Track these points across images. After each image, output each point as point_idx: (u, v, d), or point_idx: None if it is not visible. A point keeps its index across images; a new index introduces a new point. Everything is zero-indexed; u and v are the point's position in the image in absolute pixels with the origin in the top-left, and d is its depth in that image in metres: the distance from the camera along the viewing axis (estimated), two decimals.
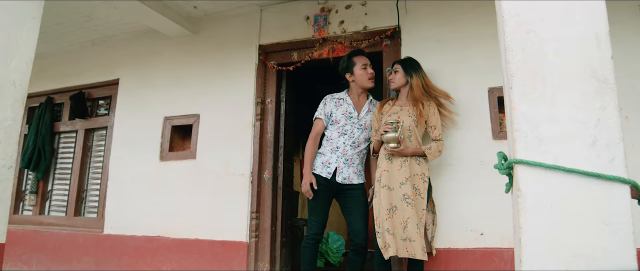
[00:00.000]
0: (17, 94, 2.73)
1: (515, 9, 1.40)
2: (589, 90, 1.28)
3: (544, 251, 1.24)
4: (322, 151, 3.21)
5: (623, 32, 3.06)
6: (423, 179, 2.82)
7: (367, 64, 3.19)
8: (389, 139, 2.75)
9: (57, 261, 4.59)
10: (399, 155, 2.78)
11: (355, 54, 3.24)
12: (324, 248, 6.02)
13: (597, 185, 1.22)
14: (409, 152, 2.78)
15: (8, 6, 2.71)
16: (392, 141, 2.74)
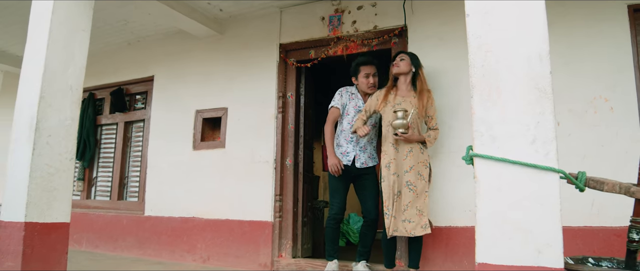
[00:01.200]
0: (74, 97, 3.19)
1: (477, 31, 1.75)
2: (531, 98, 1.62)
3: (494, 224, 1.60)
4: (339, 143, 3.60)
5: (611, 29, 3.34)
6: (425, 165, 3.18)
7: (369, 74, 3.54)
8: (398, 125, 3.07)
9: (103, 240, 5.14)
10: (406, 140, 3.12)
11: (363, 63, 3.59)
12: (345, 228, 6.44)
13: (535, 174, 1.57)
14: (415, 138, 3.13)
15: (63, 21, 3.15)
16: (400, 127, 3.08)
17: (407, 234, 3.02)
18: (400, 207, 3.08)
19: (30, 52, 3.11)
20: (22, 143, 2.95)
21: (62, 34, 3.11)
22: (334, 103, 3.63)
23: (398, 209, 3.08)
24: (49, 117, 3.00)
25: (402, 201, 3.09)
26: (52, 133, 3.01)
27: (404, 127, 3.07)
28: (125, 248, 4.99)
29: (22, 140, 2.96)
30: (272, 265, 4.10)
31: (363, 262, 3.49)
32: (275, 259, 4.10)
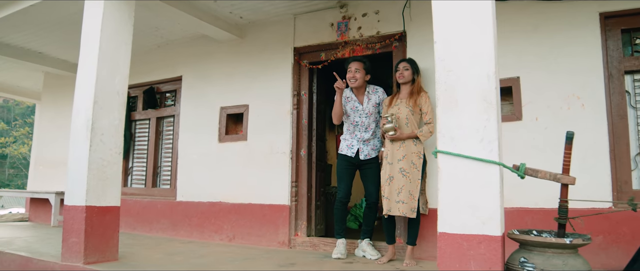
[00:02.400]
0: (120, 100, 3.79)
1: (442, 56, 2.26)
2: (480, 108, 2.13)
3: (451, 203, 2.13)
4: (345, 137, 4.15)
5: (585, 34, 3.78)
6: (419, 156, 3.70)
7: (351, 69, 4.03)
8: (387, 129, 3.65)
9: (140, 223, 5.79)
10: (397, 139, 3.67)
11: (350, 61, 4.10)
12: (358, 212, 6.99)
13: (482, 165, 2.09)
14: (404, 136, 3.67)
15: (110, 37, 3.72)
16: (390, 130, 3.64)
17: (399, 214, 3.57)
18: (394, 190, 3.62)
19: (83, 63, 3.71)
20: (81, 142, 3.57)
21: (109, 48, 3.71)
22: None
23: (391, 192, 3.62)
24: (101, 118, 3.61)
25: (395, 185, 3.63)
26: (105, 132, 3.62)
27: (391, 129, 3.63)
28: (160, 229, 5.63)
29: (80, 139, 3.57)
30: (289, 242, 4.70)
31: (367, 239, 4.06)
32: (292, 237, 4.70)
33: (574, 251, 2.10)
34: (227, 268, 3.49)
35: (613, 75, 3.73)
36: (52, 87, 7.55)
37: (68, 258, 3.49)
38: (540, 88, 3.85)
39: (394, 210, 3.59)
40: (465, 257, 2.06)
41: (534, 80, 3.88)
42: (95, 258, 3.48)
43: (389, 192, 3.63)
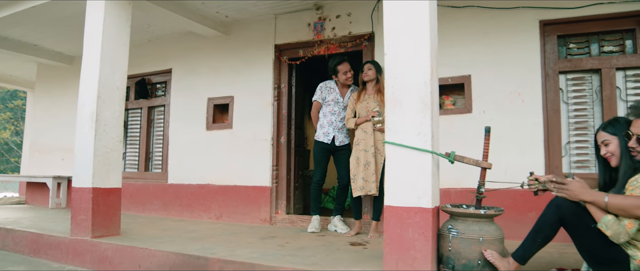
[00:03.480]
0: (120, 94, 4.28)
1: (390, 65, 2.81)
2: (418, 108, 2.70)
3: (395, 182, 2.71)
4: (322, 124, 4.70)
5: (526, 38, 4.37)
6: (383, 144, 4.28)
7: (347, 70, 4.58)
8: (378, 121, 4.18)
9: (134, 204, 6.31)
10: (380, 130, 4.22)
11: (339, 63, 4.62)
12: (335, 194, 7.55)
13: (418, 153, 2.67)
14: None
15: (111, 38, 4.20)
16: (378, 122, 4.18)
17: (369, 193, 4.15)
18: (366, 174, 4.20)
19: (87, 62, 4.19)
20: (86, 131, 4.06)
21: (110, 48, 4.19)
22: (315, 97, 4.71)
23: (361, 174, 4.20)
24: (104, 110, 4.11)
25: (368, 169, 4.21)
26: (107, 123, 4.12)
27: (380, 122, 4.19)
28: (153, 210, 6.17)
29: (86, 129, 4.07)
30: (270, 219, 5.28)
31: (338, 216, 4.66)
32: (273, 215, 5.29)
33: (489, 220, 2.70)
34: (216, 240, 4.05)
35: (549, 74, 4.35)
36: (45, 77, 7.94)
37: (77, 233, 4.01)
38: (488, 85, 4.44)
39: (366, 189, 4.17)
40: (405, 224, 2.65)
41: (483, 78, 4.47)
42: (101, 233, 4.01)
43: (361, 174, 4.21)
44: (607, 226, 2.21)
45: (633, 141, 2.29)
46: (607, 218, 2.22)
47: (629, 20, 4.16)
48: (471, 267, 2.59)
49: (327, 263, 3.07)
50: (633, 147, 2.31)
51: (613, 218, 2.21)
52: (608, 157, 2.46)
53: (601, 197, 2.26)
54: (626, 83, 4.17)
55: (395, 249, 2.66)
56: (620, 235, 2.19)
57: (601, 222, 2.23)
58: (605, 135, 2.47)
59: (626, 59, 4.14)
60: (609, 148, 2.45)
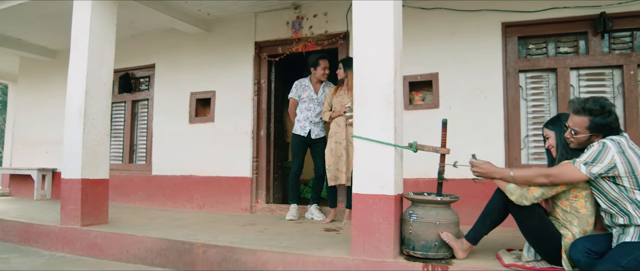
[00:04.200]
0: (107, 90, 4.49)
1: (358, 66, 3.10)
2: (383, 105, 2.99)
3: (362, 172, 3.01)
4: (299, 119, 4.97)
5: (488, 38, 4.70)
6: None
7: (326, 67, 4.86)
8: (349, 116, 4.47)
9: (119, 195, 6.52)
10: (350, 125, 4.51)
11: (322, 58, 4.88)
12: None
13: (382, 146, 2.96)
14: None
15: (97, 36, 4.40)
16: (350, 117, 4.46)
17: (340, 183, 4.46)
18: (339, 164, 4.50)
19: (74, 60, 4.38)
20: (75, 125, 4.27)
21: (97, 46, 4.40)
22: (291, 95, 4.98)
23: (335, 165, 4.51)
24: (92, 105, 4.32)
25: (341, 160, 4.51)
26: (95, 117, 4.34)
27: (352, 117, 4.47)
28: (137, 200, 6.39)
29: (74, 123, 4.28)
30: (251, 208, 5.57)
31: (315, 205, 4.97)
32: (253, 204, 5.58)
33: (446, 206, 3.02)
34: (200, 227, 4.32)
35: (510, 73, 4.69)
36: (29, 71, 8.03)
37: (67, 222, 4.24)
38: (454, 82, 4.77)
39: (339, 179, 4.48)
40: (370, 210, 2.95)
41: (450, 76, 4.80)
42: (89, 221, 4.25)
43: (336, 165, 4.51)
44: (511, 192, 2.62)
45: (568, 132, 2.62)
46: (511, 185, 2.63)
47: (582, 23, 4.52)
48: (429, 248, 2.91)
49: (301, 246, 3.37)
50: (567, 137, 2.64)
51: (515, 185, 2.62)
52: (550, 148, 2.81)
53: (507, 172, 2.68)
54: (579, 81, 4.54)
55: (362, 232, 2.97)
56: (523, 198, 2.59)
57: (506, 190, 2.62)
58: (546, 131, 2.82)
59: (579, 60, 4.50)
60: (549, 141, 2.80)
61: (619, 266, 2.18)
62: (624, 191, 2.36)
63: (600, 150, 2.38)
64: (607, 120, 2.47)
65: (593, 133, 2.50)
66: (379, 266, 2.88)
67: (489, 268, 2.73)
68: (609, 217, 2.50)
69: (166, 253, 3.62)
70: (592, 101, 2.50)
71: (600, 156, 2.36)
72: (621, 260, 2.21)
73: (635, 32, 4.41)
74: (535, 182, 2.55)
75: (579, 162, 2.40)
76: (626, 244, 2.32)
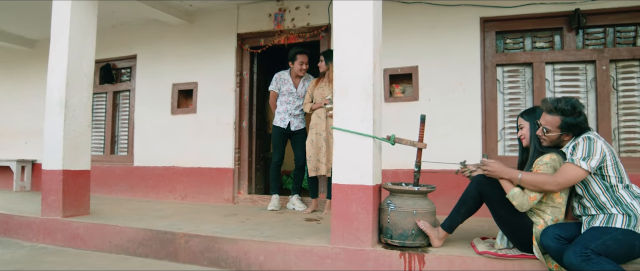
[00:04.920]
0: (88, 81, 4.49)
1: (338, 60, 3.16)
2: (362, 98, 3.06)
3: (341, 163, 3.08)
4: (279, 111, 5.02)
5: (467, 33, 4.80)
6: None
7: (304, 62, 4.88)
8: (330, 108, 4.52)
9: (100, 186, 6.50)
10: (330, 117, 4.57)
11: (300, 52, 4.90)
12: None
13: (361, 138, 3.03)
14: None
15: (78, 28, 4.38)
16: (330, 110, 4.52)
17: (320, 173, 4.54)
18: (319, 155, 4.57)
19: (55, 50, 4.36)
20: (56, 116, 4.26)
21: (78, 38, 4.38)
22: (271, 87, 5.01)
23: (315, 156, 4.58)
24: (73, 97, 4.31)
25: (321, 151, 4.58)
26: (76, 108, 4.33)
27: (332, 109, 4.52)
28: (119, 191, 6.38)
29: (55, 114, 4.27)
30: (233, 199, 5.61)
31: (296, 195, 5.03)
32: (236, 195, 5.62)
33: (423, 195, 3.12)
34: (182, 217, 4.36)
35: (488, 67, 4.80)
36: (7, 62, 7.90)
37: (48, 213, 4.23)
38: (433, 75, 4.87)
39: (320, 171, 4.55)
40: (349, 200, 3.03)
41: (429, 69, 4.89)
42: (71, 213, 4.25)
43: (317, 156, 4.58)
44: (514, 197, 2.65)
45: (540, 130, 2.73)
46: (514, 190, 2.66)
47: (558, 19, 4.64)
48: (406, 236, 3.00)
49: (282, 235, 3.43)
50: (539, 135, 2.75)
51: (519, 191, 2.65)
52: (522, 138, 2.90)
53: (516, 174, 2.69)
54: (554, 76, 4.67)
55: (342, 222, 3.05)
56: (523, 205, 2.63)
57: (509, 194, 2.67)
58: (521, 120, 2.92)
59: (554, 55, 4.63)
60: (522, 131, 2.89)
61: (587, 249, 2.29)
62: (609, 188, 2.49)
63: (589, 144, 2.48)
64: (577, 120, 2.59)
65: (564, 132, 2.62)
66: (357, 255, 2.97)
67: (464, 255, 2.83)
68: (581, 208, 2.63)
69: (148, 243, 3.66)
70: (564, 101, 2.61)
71: (592, 149, 2.46)
72: (590, 243, 2.33)
73: (608, 29, 4.55)
74: (544, 188, 2.57)
75: (577, 159, 2.46)
76: (595, 229, 2.45)
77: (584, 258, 2.28)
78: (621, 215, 2.43)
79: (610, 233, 2.38)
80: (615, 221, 2.43)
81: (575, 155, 2.48)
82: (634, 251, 2.41)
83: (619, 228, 2.40)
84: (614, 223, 2.43)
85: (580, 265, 2.28)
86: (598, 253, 2.29)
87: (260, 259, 3.23)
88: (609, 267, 2.25)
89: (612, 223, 2.43)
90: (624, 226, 2.40)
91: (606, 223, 2.45)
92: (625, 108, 4.48)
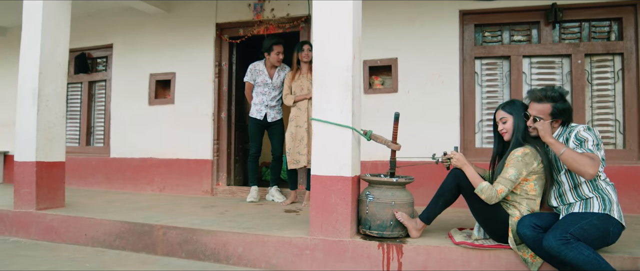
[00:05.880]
0: (62, 70, 4.39)
1: (318, 52, 3.14)
2: (341, 89, 3.05)
3: (321, 153, 3.08)
4: (255, 102, 4.97)
5: (446, 25, 4.82)
6: None
7: (280, 52, 4.84)
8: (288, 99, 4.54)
9: (76, 178, 6.38)
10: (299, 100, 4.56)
11: (276, 43, 4.85)
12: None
13: (340, 129, 3.03)
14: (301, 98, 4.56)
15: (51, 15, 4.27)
16: (291, 100, 4.52)
17: (300, 165, 4.53)
18: (299, 147, 4.56)
19: (27, 39, 4.24)
20: (28, 106, 4.16)
21: (51, 25, 4.27)
22: (246, 79, 4.94)
23: (295, 148, 4.57)
24: (46, 86, 4.21)
25: (302, 143, 4.57)
26: (50, 98, 4.23)
27: (292, 99, 4.52)
28: (95, 183, 6.28)
29: (28, 104, 4.16)
30: (212, 191, 5.57)
31: (275, 187, 5.02)
32: (214, 187, 5.58)
33: (401, 187, 3.14)
34: (160, 209, 4.31)
35: (466, 59, 4.84)
36: None
37: (21, 206, 4.14)
38: (412, 68, 4.89)
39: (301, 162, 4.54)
40: (328, 191, 3.03)
41: (409, 61, 4.91)
42: (45, 205, 4.16)
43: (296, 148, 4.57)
44: (482, 191, 2.70)
45: (530, 121, 2.75)
46: (482, 185, 2.71)
47: (535, 13, 4.70)
48: (384, 227, 3.02)
49: (261, 227, 3.42)
50: (530, 125, 2.76)
51: (487, 185, 2.70)
52: (503, 132, 2.91)
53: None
54: (531, 69, 4.74)
55: (320, 213, 3.05)
56: (492, 198, 2.68)
57: (477, 189, 2.72)
58: (503, 113, 2.91)
59: (531, 48, 4.69)
60: (505, 125, 2.89)
61: (567, 233, 2.35)
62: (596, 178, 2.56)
63: (594, 134, 2.56)
64: (566, 106, 2.67)
65: (555, 118, 2.67)
66: (336, 246, 2.98)
67: (441, 245, 2.87)
68: (559, 198, 2.68)
69: (125, 236, 3.61)
70: (551, 90, 2.69)
71: (598, 138, 2.56)
72: (569, 227, 2.39)
73: (583, 23, 4.63)
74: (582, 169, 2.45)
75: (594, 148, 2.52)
76: (574, 214, 2.53)
77: (564, 241, 2.33)
78: (597, 199, 2.52)
79: (587, 218, 2.45)
80: (593, 206, 2.51)
81: (586, 145, 2.53)
82: (609, 236, 2.49)
83: (595, 213, 2.48)
84: (591, 207, 2.51)
85: (559, 248, 2.33)
86: (576, 237, 2.35)
87: (239, 250, 3.22)
88: (587, 252, 2.30)
89: (589, 208, 2.51)
90: (600, 210, 2.48)
91: (584, 208, 2.53)
92: (599, 101, 4.58)
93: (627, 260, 2.59)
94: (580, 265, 2.30)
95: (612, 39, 4.56)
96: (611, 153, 4.46)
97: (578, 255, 2.30)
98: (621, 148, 4.51)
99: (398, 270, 2.90)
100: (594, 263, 2.29)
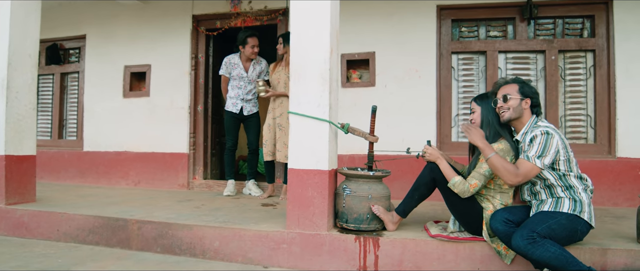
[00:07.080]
0: (32, 62, 4.27)
1: (295, 44, 3.12)
2: (318, 83, 3.04)
3: (297, 148, 3.07)
4: (230, 96, 4.92)
5: (423, 20, 4.85)
6: None
7: (255, 45, 4.79)
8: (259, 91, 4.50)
9: (47, 172, 6.23)
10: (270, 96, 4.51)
11: (250, 36, 4.78)
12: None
13: (317, 122, 3.02)
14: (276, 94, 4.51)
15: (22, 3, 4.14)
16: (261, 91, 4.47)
17: (278, 158, 4.51)
18: (273, 140, 4.54)
19: None
20: None
21: (20, 14, 4.14)
22: (222, 72, 4.88)
23: (272, 140, 4.54)
24: (16, 78, 4.09)
25: (276, 136, 4.55)
26: (19, 90, 4.11)
27: (263, 91, 4.47)
28: (68, 177, 6.14)
29: None
30: (188, 185, 5.51)
31: (252, 180, 4.99)
32: (191, 180, 5.52)
33: (377, 180, 3.15)
34: (135, 204, 4.24)
35: (443, 54, 4.88)
36: None
37: None
38: (390, 62, 4.90)
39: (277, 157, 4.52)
40: (305, 185, 3.03)
41: (386, 55, 4.92)
42: (15, 200, 4.05)
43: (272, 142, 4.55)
44: (455, 185, 2.75)
45: (500, 101, 2.77)
46: (455, 179, 2.75)
47: (511, 9, 4.77)
48: (361, 220, 3.03)
49: (238, 221, 3.40)
50: (500, 106, 2.78)
51: (460, 179, 2.74)
52: (472, 121, 2.95)
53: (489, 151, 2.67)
54: (506, 64, 4.81)
55: (297, 206, 3.05)
56: (465, 192, 2.73)
57: (450, 183, 2.77)
58: (473, 105, 2.96)
59: (507, 44, 4.75)
60: (473, 115, 2.94)
61: (533, 233, 2.39)
62: (562, 177, 2.57)
63: (546, 140, 2.51)
64: (532, 89, 2.73)
65: (524, 97, 2.70)
66: (313, 239, 2.98)
67: (417, 238, 2.89)
68: (531, 194, 2.72)
69: (99, 231, 3.54)
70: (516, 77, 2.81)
71: (548, 145, 2.51)
72: (536, 226, 2.43)
73: (557, 20, 4.71)
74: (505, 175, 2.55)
75: (532, 157, 2.51)
76: (543, 213, 2.56)
77: (530, 241, 2.37)
78: (568, 200, 2.54)
79: (556, 218, 2.48)
80: (563, 206, 2.53)
81: (530, 151, 2.53)
82: (577, 235, 2.54)
83: (564, 213, 2.51)
84: (561, 207, 2.53)
85: (526, 247, 2.37)
86: (543, 236, 2.39)
87: (216, 245, 3.19)
88: (553, 249, 2.35)
89: (559, 207, 2.53)
90: (570, 210, 2.51)
91: (554, 207, 2.55)
92: (571, 97, 4.67)
93: (596, 251, 2.66)
94: (548, 261, 2.36)
95: (585, 36, 4.65)
96: (582, 148, 4.56)
97: (544, 252, 2.35)
98: (592, 142, 4.62)
99: (374, 262, 2.92)
100: (560, 258, 2.35)
